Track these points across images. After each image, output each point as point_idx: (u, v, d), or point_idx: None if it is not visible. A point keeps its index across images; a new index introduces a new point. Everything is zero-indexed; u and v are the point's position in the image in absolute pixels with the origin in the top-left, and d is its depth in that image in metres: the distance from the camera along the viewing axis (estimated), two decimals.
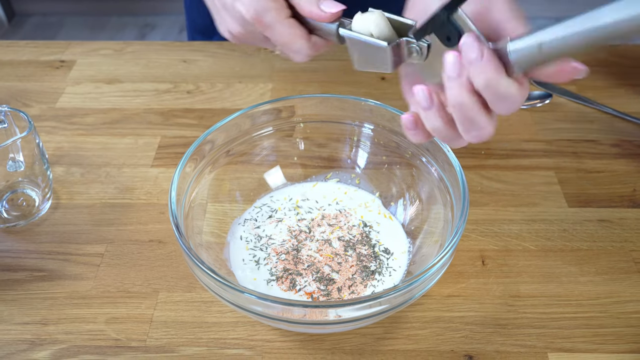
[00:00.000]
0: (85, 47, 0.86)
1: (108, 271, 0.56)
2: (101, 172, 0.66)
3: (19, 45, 0.87)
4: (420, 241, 0.55)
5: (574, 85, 0.79)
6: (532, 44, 0.35)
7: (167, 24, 2.47)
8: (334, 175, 0.62)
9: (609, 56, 0.84)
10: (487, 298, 0.53)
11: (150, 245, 0.58)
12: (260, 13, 0.46)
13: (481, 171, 0.66)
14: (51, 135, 0.71)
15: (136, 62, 0.83)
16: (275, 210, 0.59)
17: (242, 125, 0.57)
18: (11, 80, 0.80)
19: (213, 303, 0.53)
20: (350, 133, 0.61)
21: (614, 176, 0.66)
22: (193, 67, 0.82)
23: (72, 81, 0.80)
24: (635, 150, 0.69)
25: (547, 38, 0.35)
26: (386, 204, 0.60)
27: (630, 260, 0.56)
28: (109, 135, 0.71)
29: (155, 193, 0.64)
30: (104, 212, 0.61)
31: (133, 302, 0.53)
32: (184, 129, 0.72)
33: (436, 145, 0.53)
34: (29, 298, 0.54)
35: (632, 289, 0.54)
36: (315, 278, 0.52)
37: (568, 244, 0.58)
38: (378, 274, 0.53)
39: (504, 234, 0.59)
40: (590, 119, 0.73)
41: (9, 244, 0.58)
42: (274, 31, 0.47)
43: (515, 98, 0.37)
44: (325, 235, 0.56)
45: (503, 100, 0.37)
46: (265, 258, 0.54)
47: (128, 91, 0.78)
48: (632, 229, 0.60)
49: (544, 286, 0.54)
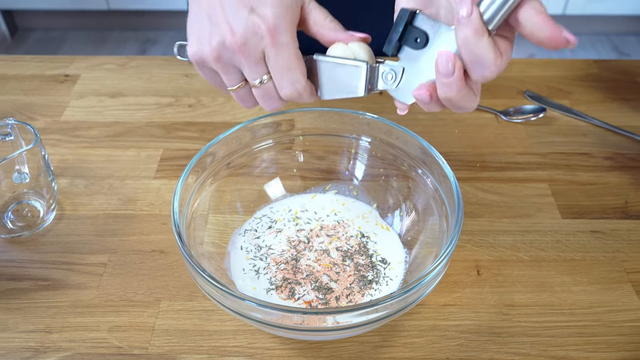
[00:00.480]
0: (89, 61, 0.88)
1: (111, 280, 0.57)
2: (104, 183, 0.67)
3: (24, 59, 0.88)
4: (416, 251, 0.56)
5: (567, 99, 0.80)
6: None
7: (167, 39, 2.50)
8: (332, 187, 0.64)
9: (601, 71, 0.86)
10: (482, 307, 0.55)
11: (153, 255, 0.59)
12: (280, 29, 0.44)
13: (476, 183, 0.67)
14: (55, 148, 0.72)
15: (139, 76, 0.85)
16: (275, 221, 0.60)
17: (242, 138, 0.59)
18: (17, 94, 0.82)
19: (214, 312, 0.54)
20: (348, 146, 0.62)
21: (607, 188, 0.67)
22: (194, 81, 0.84)
23: (76, 95, 0.81)
24: (627, 162, 0.70)
25: None
26: (383, 215, 0.61)
27: (622, 271, 0.58)
28: (112, 148, 0.72)
29: (158, 204, 0.65)
30: (107, 223, 0.63)
31: (135, 310, 0.54)
32: (185, 141, 0.74)
33: (432, 158, 0.54)
34: (33, 307, 0.55)
35: (623, 298, 0.55)
36: (314, 287, 0.53)
37: (561, 254, 0.59)
38: (375, 283, 0.54)
39: (498, 244, 0.60)
40: (583, 133, 0.75)
41: (14, 254, 0.60)
42: (282, 56, 0.45)
43: (490, 61, 0.38)
44: (324, 246, 0.57)
45: (479, 62, 0.39)
46: (265, 267, 0.55)
47: (131, 105, 0.80)
48: (624, 239, 0.61)
49: (538, 295, 0.55)
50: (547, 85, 0.83)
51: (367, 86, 0.45)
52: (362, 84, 0.45)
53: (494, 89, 0.82)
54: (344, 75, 0.45)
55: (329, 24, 0.47)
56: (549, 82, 0.84)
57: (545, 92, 0.82)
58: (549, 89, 0.82)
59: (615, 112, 0.78)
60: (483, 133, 0.75)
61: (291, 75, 0.46)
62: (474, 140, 0.73)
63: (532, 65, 0.87)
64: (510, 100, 0.80)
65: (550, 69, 0.86)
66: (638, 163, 0.70)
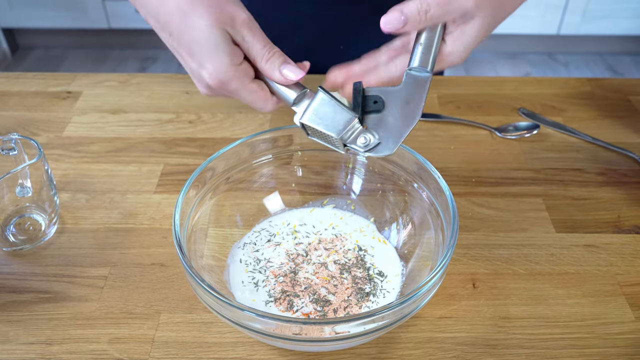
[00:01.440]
0: (91, 78, 0.89)
1: (111, 293, 0.58)
2: (106, 198, 0.68)
3: (27, 76, 0.90)
4: (412, 264, 0.57)
5: (561, 116, 0.82)
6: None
7: (167, 57, 2.53)
8: (330, 201, 0.65)
9: (594, 90, 0.88)
10: (478, 319, 0.55)
11: (153, 268, 0.60)
12: (224, 82, 0.49)
13: (472, 198, 0.68)
14: (58, 163, 0.73)
15: (140, 93, 0.87)
16: (273, 234, 0.61)
17: (241, 153, 0.60)
18: (20, 110, 0.83)
19: (213, 324, 0.55)
20: (345, 161, 0.63)
21: (600, 203, 0.68)
22: (195, 98, 0.85)
23: (78, 111, 0.83)
24: (619, 178, 0.72)
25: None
26: (380, 228, 0.62)
27: (616, 284, 0.59)
28: (113, 163, 0.74)
29: (158, 218, 0.66)
30: (108, 237, 0.64)
31: (135, 322, 0.55)
32: (186, 157, 0.75)
33: (428, 173, 0.56)
34: (34, 319, 0.55)
35: (617, 311, 0.56)
36: (312, 299, 0.54)
37: (556, 267, 0.60)
38: (372, 296, 0.55)
39: (494, 258, 0.61)
40: (576, 149, 0.76)
41: (15, 267, 0.60)
42: (239, 95, 0.51)
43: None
44: (322, 259, 0.58)
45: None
46: (263, 280, 0.56)
47: (132, 121, 0.81)
48: (617, 253, 0.62)
49: (533, 308, 0.56)
50: (540, 102, 0.85)
51: (344, 134, 0.49)
52: (342, 128, 0.49)
53: (489, 106, 0.84)
54: (333, 113, 0.49)
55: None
56: (543, 100, 0.85)
57: (539, 110, 0.83)
58: (543, 106, 0.84)
59: (607, 129, 0.80)
60: (478, 149, 0.76)
61: (256, 106, 0.52)
62: (470, 156, 0.75)
63: (527, 83, 0.89)
64: (505, 117, 0.82)
65: (544, 87, 0.88)
66: (630, 179, 0.71)
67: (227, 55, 0.48)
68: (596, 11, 2.33)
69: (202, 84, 0.52)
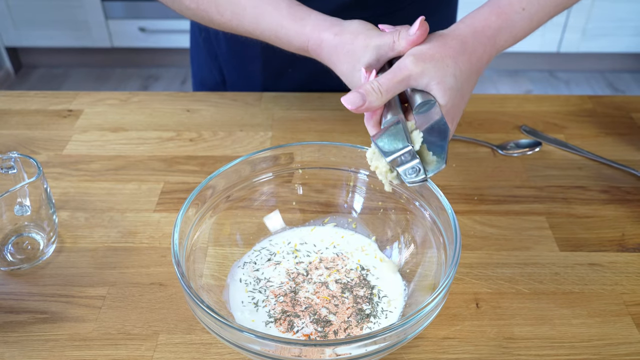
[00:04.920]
0: (92, 97, 0.89)
1: (109, 313, 0.57)
2: (105, 216, 0.68)
3: (28, 95, 0.90)
4: (415, 284, 0.56)
5: (562, 134, 0.82)
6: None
7: (169, 76, 2.54)
8: (331, 220, 0.64)
9: (596, 107, 0.87)
10: (482, 340, 0.54)
11: (151, 288, 0.59)
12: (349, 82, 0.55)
13: (474, 216, 0.68)
14: (57, 181, 0.73)
15: (141, 111, 0.86)
16: (274, 253, 0.60)
17: (242, 171, 0.59)
18: (20, 128, 0.83)
19: (212, 345, 0.54)
20: (347, 179, 0.63)
21: (604, 221, 0.67)
22: (196, 116, 0.85)
23: (79, 129, 0.83)
24: (623, 196, 0.71)
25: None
26: (382, 247, 0.61)
27: (622, 303, 0.58)
28: (113, 181, 0.73)
29: (157, 237, 0.65)
30: (106, 256, 0.63)
31: (133, 344, 0.54)
32: (186, 175, 0.74)
33: (430, 191, 0.55)
34: (30, 340, 0.54)
35: (624, 332, 0.55)
36: (313, 320, 0.53)
37: (560, 287, 0.59)
38: (374, 317, 0.54)
39: (497, 277, 0.60)
40: (578, 166, 0.76)
41: (13, 287, 0.60)
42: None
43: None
44: (323, 278, 0.57)
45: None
46: (263, 300, 0.55)
47: (133, 139, 0.81)
48: (622, 272, 0.61)
49: (537, 328, 0.55)
50: (542, 120, 0.85)
51: (395, 155, 0.50)
52: (394, 152, 0.50)
53: (490, 123, 0.84)
54: (398, 137, 0.50)
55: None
56: (544, 117, 0.85)
57: (541, 127, 0.83)
58: (545, 123, 0.84)
59: (609, 146, 0.79)
60: (480, 167, 0.76)
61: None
62: (472, 174, 0.74)
63: (528, 101, 0.89)
64: (507, 135, 0.81)
65: (546, 104, 0.88)
66: (634, 196, 0.71)
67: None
68: (596, 29, 2.34)
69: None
